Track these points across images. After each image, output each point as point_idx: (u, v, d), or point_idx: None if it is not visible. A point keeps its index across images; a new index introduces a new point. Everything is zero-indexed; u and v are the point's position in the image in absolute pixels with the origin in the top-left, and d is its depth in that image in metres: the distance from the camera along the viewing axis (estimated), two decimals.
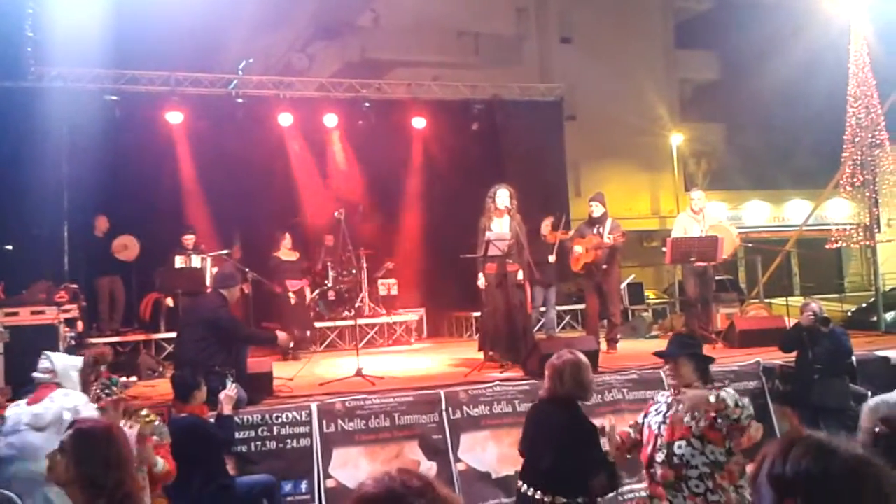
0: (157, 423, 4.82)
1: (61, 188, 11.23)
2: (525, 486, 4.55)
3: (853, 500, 1.53)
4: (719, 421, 4.20)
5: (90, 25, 10.99)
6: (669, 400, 4.61)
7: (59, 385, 4.96)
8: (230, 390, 6.00)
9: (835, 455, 1.56)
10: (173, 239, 11.23)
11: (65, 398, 4.87)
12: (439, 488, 1.44)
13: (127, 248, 11.29)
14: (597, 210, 9.86)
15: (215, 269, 10.73)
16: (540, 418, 4.70)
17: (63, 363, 5.11)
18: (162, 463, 4.74)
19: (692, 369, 4.59)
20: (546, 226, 10.75)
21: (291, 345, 10.00)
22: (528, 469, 4.67)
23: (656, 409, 4.66)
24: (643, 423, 4.65)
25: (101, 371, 5.25)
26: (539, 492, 4.44)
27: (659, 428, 4.48)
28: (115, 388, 4.87)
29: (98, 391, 4.82)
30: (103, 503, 3.09)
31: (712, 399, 4.17)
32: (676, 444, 4.34)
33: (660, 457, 4.37)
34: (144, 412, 4.64)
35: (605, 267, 9.68)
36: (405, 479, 1.44)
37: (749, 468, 4.35)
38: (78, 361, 5.20)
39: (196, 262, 11.07)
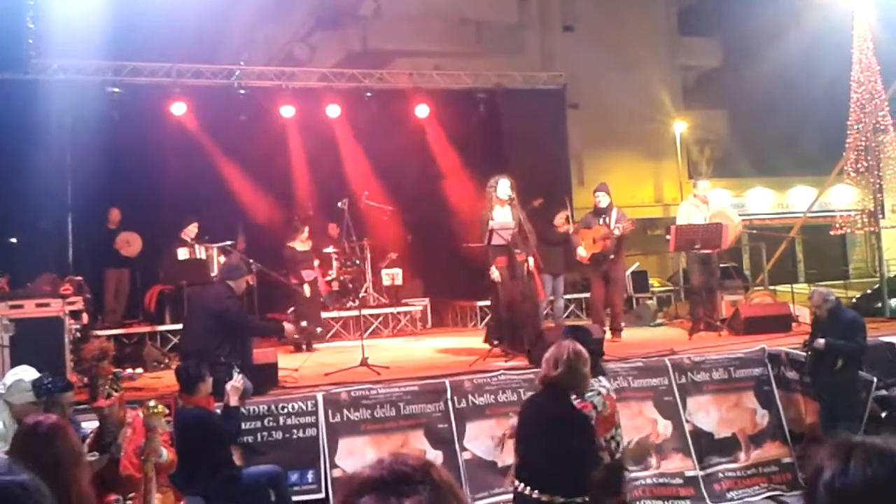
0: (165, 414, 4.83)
1: (65, 181, 11.22)
2: (521, 485, 4.32)
3: None
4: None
5: (91, 17, 10.96)
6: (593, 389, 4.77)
7: None
8: (236, 381, 6.00)
9: (890, 458, 1.46)
10: (177, 230, 11.23)
11: None
12: (439, 469, 1.43)
13: (130, 244, 11.33)
14: (603, 200, 9.86)
15: (223, 259, 10.78)
16: (533, 411, 4.54)
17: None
18: (166, 453, 4.75)
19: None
20: (560, 217, 10.79)
21: (296, 336, 9.90)
22: (522, 466, 4.43)
23: None
24: None
25: (106, 366, 5.26)
26: (536, 490, 4.21)
27: None
28: (120, 386, 4.88)
29: (108, 388, 4.81)
30: None
31: None
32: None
33: None
34: (152, 403, 4.65)
35: (612, 257, 9.69)
36: (405, 461, 1.42)
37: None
38: (7, 380, 5.27)
39: (200, 253, 11.07)
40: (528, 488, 4.24)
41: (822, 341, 7.33)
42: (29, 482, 1.62)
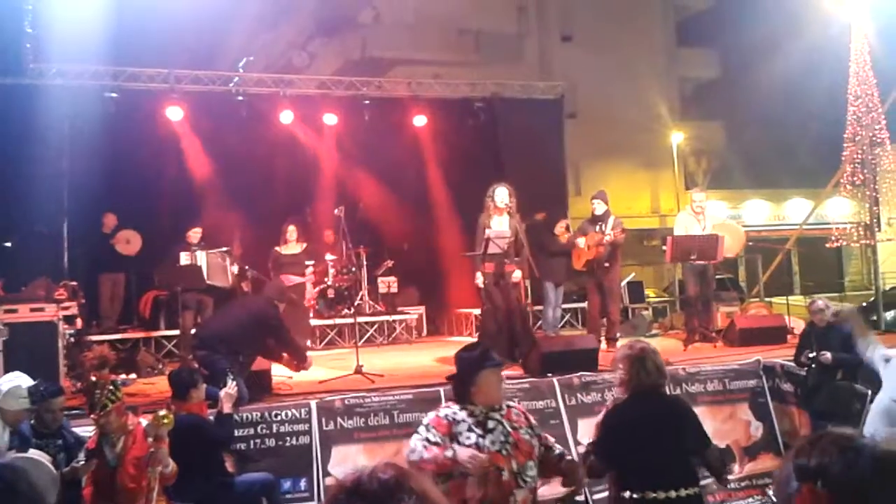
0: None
1: (61, 185, 11.19)
2: (632, 494, 4.11)
3: (879, 494, 1.55)
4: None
5: (89, 21, 10.97)
6: (498, 416, 4.02)
7: None
8: (230, 388, 5.96)
9: (861, 450, 1.59)
10: (174, 236, 11.20)
11: None
12: (416, 478, 1.44)
13: (129, 242, 11.27)
14: (599, 208, 9.86)
15: (220, 262, 10.78)
16: (635, 418, 4.28)
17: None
18: (173, 465, 4.71)
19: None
20: (560, 226, 10.80)
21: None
22: (630, 475, 4.18)
23: (472, 429, 3.95)
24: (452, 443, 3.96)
25: (106, 374, 5.21)
26: (652, 492, 4.07)
27: (505, 450, 3.92)
28: (119, 394, 4.83)
29: (105, 398, 4.76)
30: None
31: None
32: (528, 464, 3.97)
33: (521, 482, 3.91)
34: (162, 413, 4.60)
35: (606, 264, 9.68)
36: (383, 470, 1.42)
37: None
38: (3, 386, 5.22)
39: (201, 258, 11.03)
40: (644, 493, 4.10)
41: (828, 355, 7.31)
42: (16, 463, 1.61)
